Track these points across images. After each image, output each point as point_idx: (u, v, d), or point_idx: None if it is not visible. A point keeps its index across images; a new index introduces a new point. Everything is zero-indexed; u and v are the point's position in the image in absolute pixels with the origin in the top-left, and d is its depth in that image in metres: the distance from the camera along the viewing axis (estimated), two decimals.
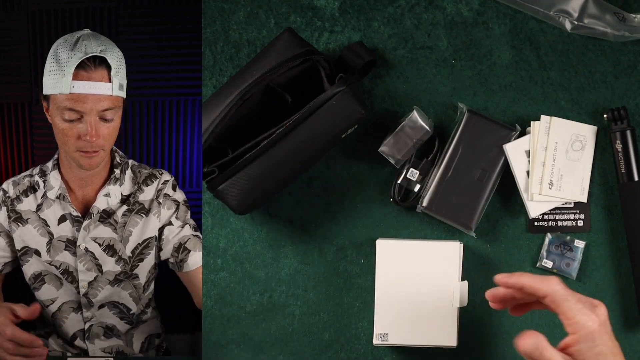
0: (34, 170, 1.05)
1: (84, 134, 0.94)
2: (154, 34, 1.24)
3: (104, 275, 1.02)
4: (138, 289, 1.05)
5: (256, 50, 1.02)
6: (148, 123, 1.27)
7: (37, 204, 1.02)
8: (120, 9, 1.25)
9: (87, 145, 0.95)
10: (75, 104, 0.93)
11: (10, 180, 1.06)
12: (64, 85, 0.93)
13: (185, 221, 1.03)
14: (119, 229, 1.01)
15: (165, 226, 1.03)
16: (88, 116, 0.93)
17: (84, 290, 1.03)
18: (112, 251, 1.01)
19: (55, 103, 0.95)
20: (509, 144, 0.98)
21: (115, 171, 1.02)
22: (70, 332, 1.05)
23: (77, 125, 0.94)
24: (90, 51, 0.93)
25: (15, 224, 1.03)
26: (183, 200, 1.05)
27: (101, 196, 1.01)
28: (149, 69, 1.22)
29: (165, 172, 1.06)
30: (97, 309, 1.04)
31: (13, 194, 1.04)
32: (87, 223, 1.00)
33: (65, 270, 1.02)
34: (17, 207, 1.03)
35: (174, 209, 1.03)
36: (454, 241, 0.96)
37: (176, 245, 1.02)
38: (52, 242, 1.02)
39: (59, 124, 0.95)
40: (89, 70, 0.93)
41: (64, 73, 0.92)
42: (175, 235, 1.02)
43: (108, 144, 0.97)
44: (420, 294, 0.95)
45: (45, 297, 1.05)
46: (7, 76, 1.30)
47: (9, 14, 1.28)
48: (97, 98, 0.93)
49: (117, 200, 1.01)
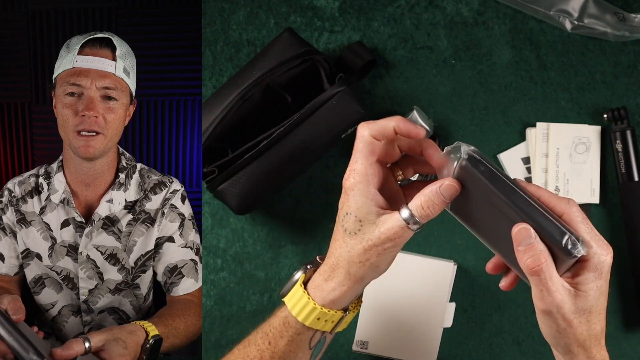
0: (39, 170, 1.04)
1: (82, 109, 0.94)
2: (154, 34, 1.24)
3: (105, 283, 1.01)
4: (139, 298, 1.04)
5: (256, 50, 1.02)
6: (148, 123, 1.27)
7: (41, 206, 1.01)
8: (120, 9, 1.25)
9: (85, 122, 0.94)
10: (77, 78, 0.94)
11: (16, 180, 1.05)
12: (68, 61, 0.94)
13: (188, 242, 1.02)
14: (123, 238, 1.00)
15: (166, 241, 1.01)
16: (88, 91, 0.94)
17: (84, 298, 1.02)
18: (115, 260, 1.00)
19: (60, 83, 0.95)
20: (503, 153, 0.98)
21: (120, 175, 1.00)
22: (70, 336, 1.05)
23: (77, 102, 0.94)
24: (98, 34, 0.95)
25: (19, 225, 1.02)
26: (189, 215, 1.03)
27: (103, 202, 0.99)
28: (149, 69, 1.23)
29: (176, 180, 1.04)
30: (96, 314, 1.03)
31: (19, 194, 1.03)
32: (89, 230, 0.99)
33: (66, 276, 1.01)
34: (22, 207, 1.02)
35: (178, 223, 1.01)
36: (448, 261, 0.96)
37: (171, 266, 1.01)
38: (55, 247, 1.01)
39: (60, 104, 0.95)
40: (94, 48, 0.95)
41: (70, 51, 0.94)
42: (174, 255, 1.01)
43: (109, 130, 0.96)
44: (407, 309, 0.94)
45: (46, 301, 1.04)
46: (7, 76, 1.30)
47: (9, 14, 1.28)
48: (99, 74, 0.94)
49: (120, 206, 1.00)
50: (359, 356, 0.99)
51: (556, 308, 0.68)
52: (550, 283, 0.68)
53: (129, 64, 0.97)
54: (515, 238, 0.69)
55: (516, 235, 0.69)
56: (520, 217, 0.68)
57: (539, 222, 0.68)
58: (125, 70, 0.96)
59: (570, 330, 0.69)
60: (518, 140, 1.00)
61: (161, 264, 1.02)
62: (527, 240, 0.68)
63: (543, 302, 0.68)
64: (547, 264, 0.68)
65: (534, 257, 0.68)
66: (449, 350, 1.00)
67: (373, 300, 0.95)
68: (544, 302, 0.68)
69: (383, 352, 0.95)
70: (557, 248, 0.67)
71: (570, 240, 0.67)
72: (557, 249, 0.67)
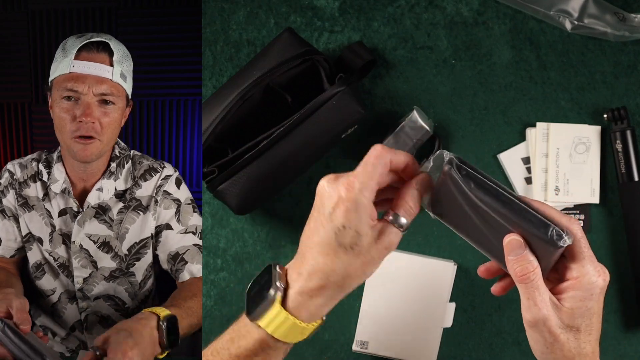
0: (40, 155, 1.04)
1: (79, 115, 0.94)
2: (154, 34, 1.24)
3: (99, 271, 1.01)
4: (134, 285, 1.04)
5: (256, 50, 1.02)
6: (148, 123, 1.27)
7: (44, 192, 1.02)
8: (120, 9, 1.25)
9: (82, 128, 0.94)
10: (74, 84, 0.93)
11: (16, 162, 1.04)
12: (64, 66, 0.94)
13: (188, 227, 1.02)
14: (114, 226, 1.00)
15: (164, 229, 1.01)
16: (85, 97, 0.94)
17: (79, 286, 1.02)
18: (108, 248, 1.00)
19: (56, 87, 0.95)
20: (503, 153, 0.98)
21: (112, 165, 1.01)
22: (70, 323, 1.05)
23: (73, 107, 0.94)
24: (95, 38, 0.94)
25: (22, 209, 1.02)
26: (186, 199, 1.03)
27: (94, 190, 1.00)
28: (149, 69, 1.23)
29: (169, 165, 1.04)
30: (92, 301, 1.03)
31: (20, 177, 1.03)
32: (80, 218, 0.99)
33: (62, 264, 1.02)
34: (24, 191, 1.02)
35: (173, 209, 1.01)
36: (448, 261, 0.96)
37: (173, 253, 1.01)
38: (54, 235, 1.02)
39: (57, 108, 0.95)
40: (91, 53, 0.94)
41: (66, 55, 0.94)
42: (173, 243, 1.01)
43: (106, 135, 0.96)
44: (407, 309, 0.94)
45: (47, 286, 1.04)
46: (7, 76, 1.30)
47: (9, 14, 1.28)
48: (95, 79, 0.94)
49: (110, 195, 1.00)
50: (359, 356, 0.99)
51: (542, 320, 0.69)
52: (537, 293, 0.68)
53: (126, 67, 0.97)
54: (507, 248, 0.70)
55: (507, 245, 0.70)
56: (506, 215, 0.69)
57: (525, 217, 0.69)
58: (122, 75, 0.96)
59: (557, 346, 0.69)
60: (518, 140, 1.00)
61: (163, 252, 1.02)
62: (517, 251, 0.69)
63: (530, 312, 0.69)
64: (535, 273, 0.68)
65: (522, 266, 0.69)
66: (449, 350, 1.00)
67: (373, 300, 0.95)
68: (531, 313, 0.69)
69: (383, 352, 0.95)
70: (543, 242, 0.68)
71: (555, 231, 0.68)
72: (544, 243, 0.68)
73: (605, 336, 0.99)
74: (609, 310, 0.99)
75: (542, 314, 0.68)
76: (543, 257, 0.69)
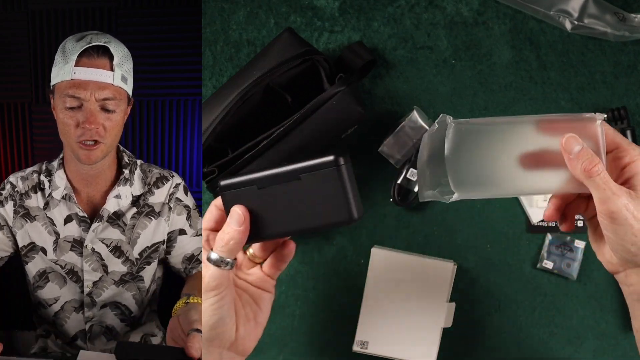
0: (41, 166, 1.05)
1: (82, 122, 0.94)
2: (154, 34, 1.24)
3: (110, 275, 1.02)
4: (142, 291, 1.05)
5: (256, 50, 1.02)
6: (148, 123, 1.27)
7: (45, 202, 1.03)
8: (120, 9, 1.25)
9: (86, 133, 0.95)
10: (76, 91, 0.93)
11: (18, 174, 1.05)
12: (66, 72, 0.94)
13: (198, 231, 1.05)
14: (127, 231, 1.01)
15: (179, 234, 1.03)
16: (88, 103, 0.94)
17: (88, 290, 1.03)
18: (119, 252, 1.01)
19: (59, 93, 0.95)
20: None
21: (124, 171, 1.02)
22: (72, 333, 1.05)
23: (77, 114, 0.95)
24: (94, 41, 0.94)
25: (23, 219, 1.03)
26: (193, 205, 1.06)
27: (112, 198, 1.01)
28: (149, 69, 1.22)
29: (176, 174, 1.06)
30: (99, 309, 1.04)
31: (22, 189, 1.04)
32: (97, 226, 1.00)
33: (70, 270, 1.02)
34: (26, 202, 1.03)
35: (185, 215, 1.03)
36: (448, 261, 0.96)
37: (188, 255, 1.04)
38: (58, 242, 1.02)
39: (60, 114, 0.96)
40: (92, 58, 0.94)
41: (67, 61, 0.94)
42: (189, 247, 1.04)
43: (109, 138, 0.97)
44: (407, 309, 0.94)
45: (49, 295, 1.04)
46: (7, 76, 1.30)
47: (9, 14, 1.28)
48: (97, 85, 0.94)
49: (127, 201, 1.01)
50: (359, 356, 0.99)
51: (624, 206, 0.67)
52: (610, 182, 0.68)
53: (127, 69, 0.97)
54: (565, 148, 0.70)
55: (565, 145, 0.70)
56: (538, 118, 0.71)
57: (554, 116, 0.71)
58: (123, 77, 0.96)
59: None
60: None
61: (177, 256, 1.05)
62: (576, 148, 0.69)
63: (607, 204, 0.68)
64: (600, 165, 0.68)
65: (587, 161, 0.68)
66: (449, 350, 1.00)
67: (373, 300, 0.95)
68: (609, 204, 0.68)
69: (383, 352, 0.95)
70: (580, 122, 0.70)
71: (587, 113, 0.70)
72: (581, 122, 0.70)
73: (605, 336, 0.99)
74: (609, 310, 0.99)
75: (622, 201, 0.67)
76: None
